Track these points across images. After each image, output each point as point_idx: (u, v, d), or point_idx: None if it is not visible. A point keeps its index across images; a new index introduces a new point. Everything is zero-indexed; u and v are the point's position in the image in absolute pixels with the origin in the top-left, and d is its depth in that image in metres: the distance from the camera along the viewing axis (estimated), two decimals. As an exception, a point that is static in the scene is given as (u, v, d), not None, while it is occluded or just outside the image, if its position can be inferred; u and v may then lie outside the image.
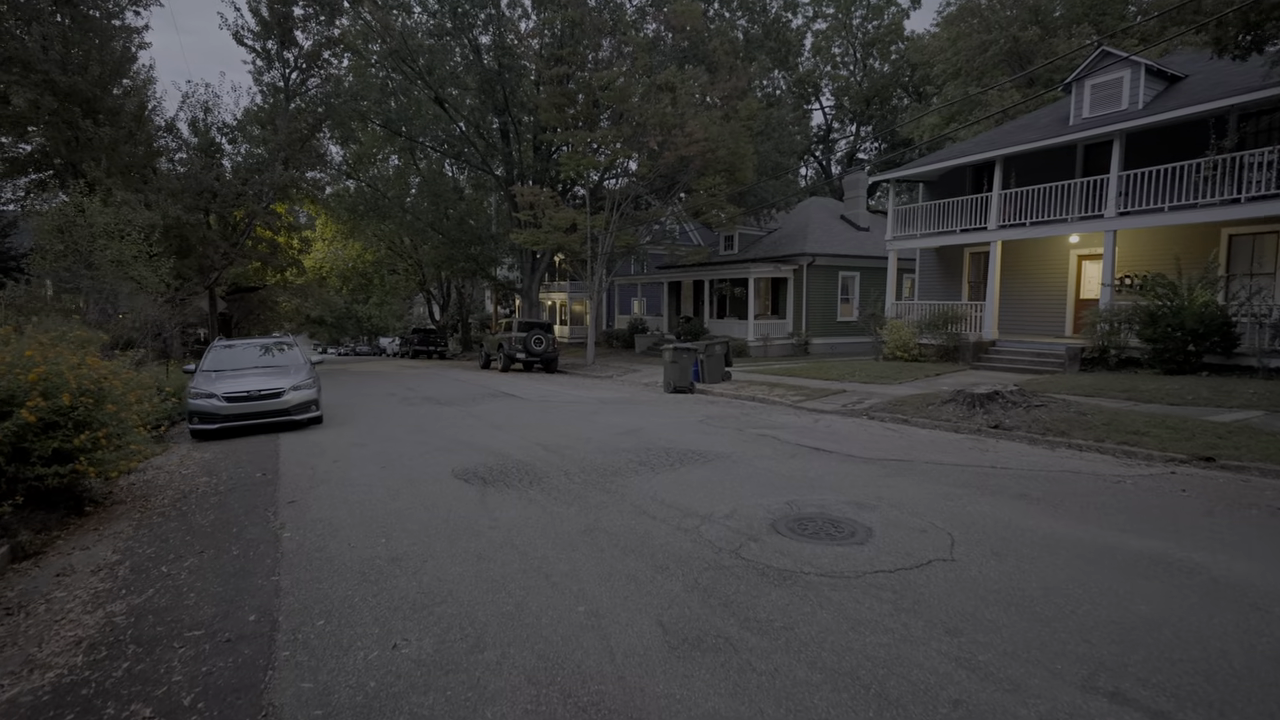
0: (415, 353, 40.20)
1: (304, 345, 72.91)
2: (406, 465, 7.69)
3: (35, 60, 18.41)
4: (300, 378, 10.85)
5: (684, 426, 10.10)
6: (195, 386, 10.19)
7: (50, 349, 5.78)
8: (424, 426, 10.67)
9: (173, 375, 13.21)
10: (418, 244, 39.32)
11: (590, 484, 6.57)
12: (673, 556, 4.47)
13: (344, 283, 45.70)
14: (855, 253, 27.54)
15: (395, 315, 64.57)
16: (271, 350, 12.20)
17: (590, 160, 23.13)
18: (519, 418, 11.48)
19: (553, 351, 23.88)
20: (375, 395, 16.14)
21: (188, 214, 20.42)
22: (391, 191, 33.64)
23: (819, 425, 10.36)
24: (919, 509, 5.43)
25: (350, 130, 29.66)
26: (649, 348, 31.50)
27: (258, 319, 48.66)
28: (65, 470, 5.49)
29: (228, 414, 10.01)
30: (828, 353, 26.56)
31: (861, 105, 43.12)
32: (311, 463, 8.02)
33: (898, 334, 18.89)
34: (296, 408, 10.52)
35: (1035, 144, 16.49)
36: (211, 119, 24.98)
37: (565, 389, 16.89)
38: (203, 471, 7.85)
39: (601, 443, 8.79)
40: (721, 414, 11.67)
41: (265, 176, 22.93)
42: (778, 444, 8.56)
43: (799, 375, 17.77)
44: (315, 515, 5.74)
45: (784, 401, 13.37)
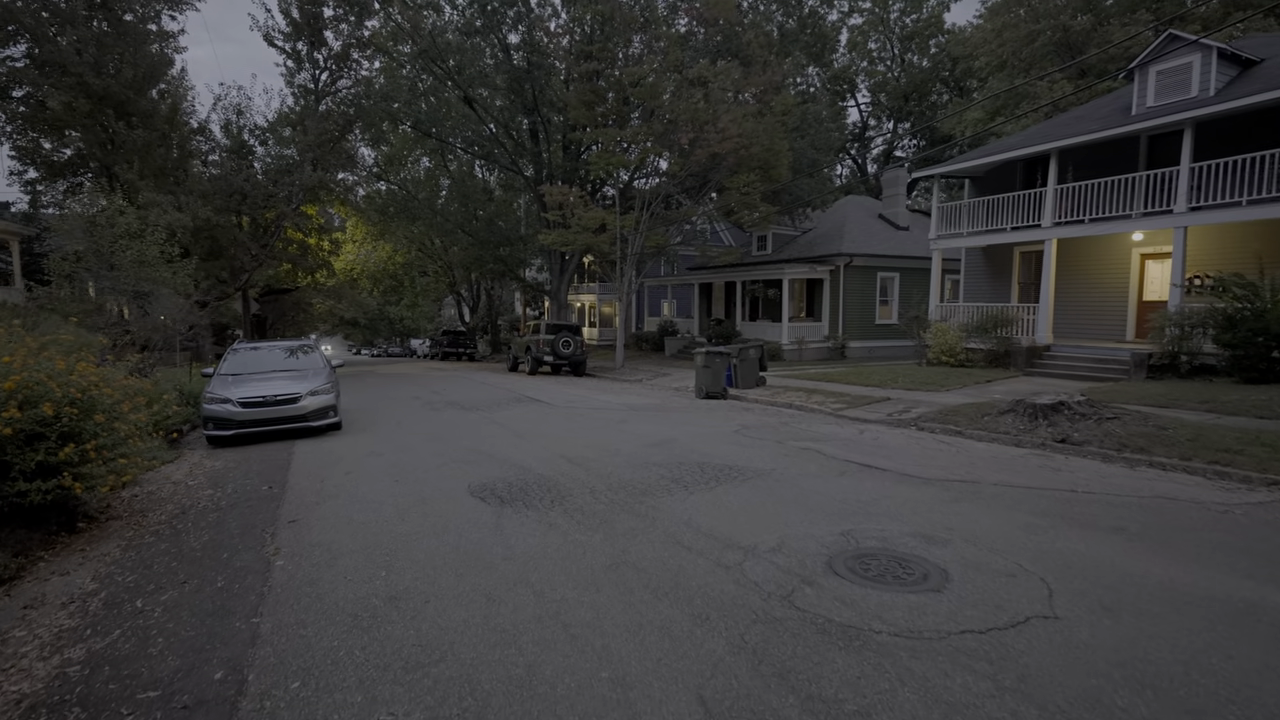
0: (444, 354, 40.09)
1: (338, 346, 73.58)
2: (420, 479, 7.15)
3: (70, 63, 18.54)
4: (318, 383, 10.44)
5: (719, 437, 9.40)
6: (211, 391, 9.84)
7: (34, 355, 5.34)
8: (444, 434, 10.16)
9: (195, 379, 12.97)
10: (447, 245, 39.22)
11: (618, 505, 5.93)
12: (713, 602, 3.80)
13: (374, 284, 45.92)
14: (894, 252, 26.48)
15: (426, 317, 64.95)
16: (293, 354, 11.85)
17: (620, 159, 22.56)
18: (543, 426, 10.91)
19: (581, 354, 23.35)
20: (400, 399, 15.76)
21: (218, 215, 20.40)
22: (422, 193, 33.56)
23: (865, 437, 9.57)
24: (999, 545, 4.67)
25: (381, 132, 29.61)
26: (679, 351, 30.81)
27: (292, 320, 49.21)
28: (49, 486, 5.04)
29: (243, 420, 9.63)
30: (865, 357, 25.56)
31: (899, 101, 41.82)
32: (322, 474, 7.54)
33: (943, 338, 17.90)
34: (314, 413, 10.11)
35: (1095, 135, 15.40)
36: (243, 121, 25.08)
37: (593, 394, 16.31)
38: (209, 483, 7.41)
39: (630, 455, 8.15)
40: (758, 423, 10.94)
41: (295, 177, 22.86)
42: (823, 459, 7.81)
43: (838, 380, 16.91)
44: (315, 538, 5.20)
45: (824, 409, 12.58)
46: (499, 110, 27.54)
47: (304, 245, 27.82)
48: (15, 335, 5.69)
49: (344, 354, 78.32)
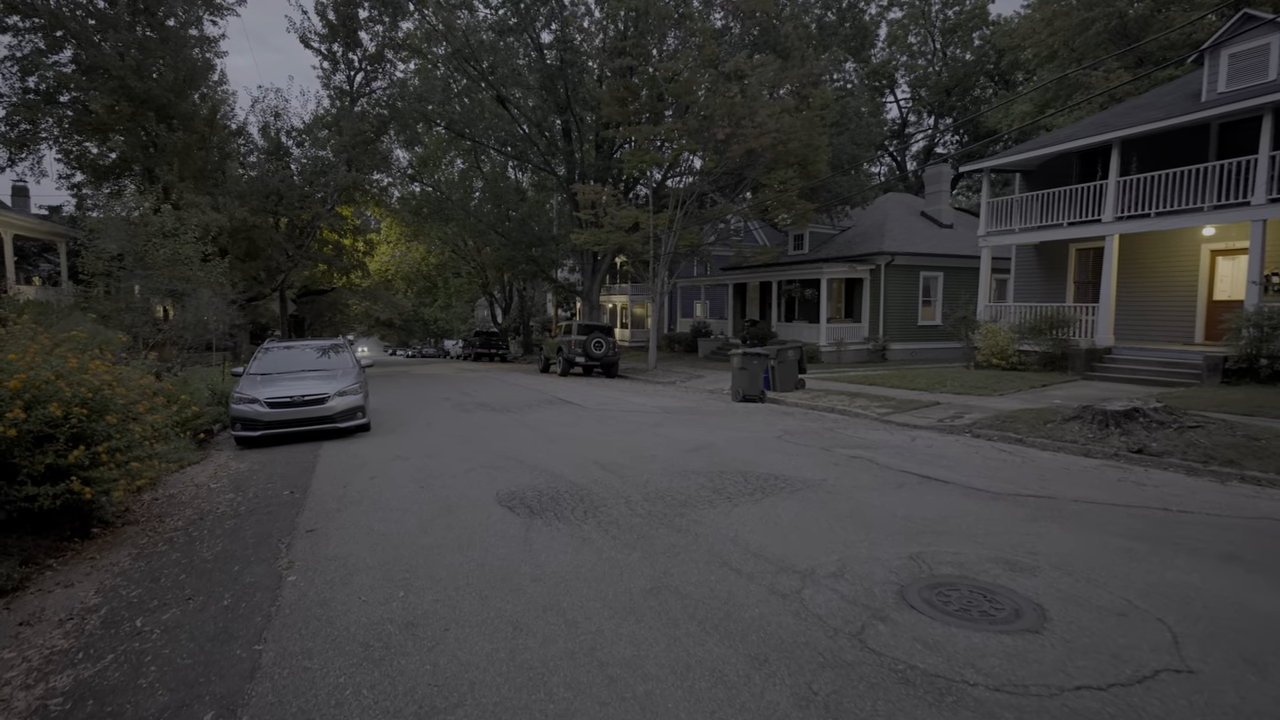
0: (477, 355, 40.14)
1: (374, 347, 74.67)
2: (447, 485, 6.77)
3: (113, 66, 18.82)
4: (346, 383, 10.19)
5: (761, 443, 8.86)
6: (239, 391, 9.66)
7: (45, 353, 5.09)
8: (473, 437, 9.82)
9: (227, 378, 12.90)
10: (480, 246, 39.30)
11: (656, 518, 5.45)
12: (771, 639, 3.30)
13: (408, 285, 46.26)
14: (938, 251, 25.51)
15: (460, 318, 65.43)
16: (324, 353, 11.66)
17: (653, 157, 22.10)
18: (575, 429, 10.50)
19: (613, 355, 22.95)
20: (430, 400, 15.54)
21: (254, 216, 20.54)
22: (455, 194, 33.61)
23: (918, 444, 8.93)
24: (1097, 574, 4.06)
25: (415, 133, 29.69)
26: (713, 352, 30.22)
27: (329, 321, 49.91)
28: (59, 490, 4.78)
29: (270, 420, 9.42)
30: (908, 359, 24.65)
31: (940, 96, 40.56)
32: (346, 479, 7.22)
33: (993, 339, 17.03)
34: (341, 414, 9.86)
35: (1162, 124, 14.41)
36: (280, 124, 25.32)
37: (626, 396, 15.87)
38: (231, 486, 7.16)
39: (667, 462, 7.67)
40: (801, 428, 10.35)
41: (329, 178, 22.95)
42: (876, 469, 7.22)
43: (881, 384, 16.19)
44: (331, 551, 4.84)
45: (869, 414, 11.92)
46: (532, 110, 27.35)
47: (339, 246, 28.00)
48: (26, 332, 5.46)
49: (379, 354, 79.55)
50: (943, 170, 28.71)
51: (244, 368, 10.81)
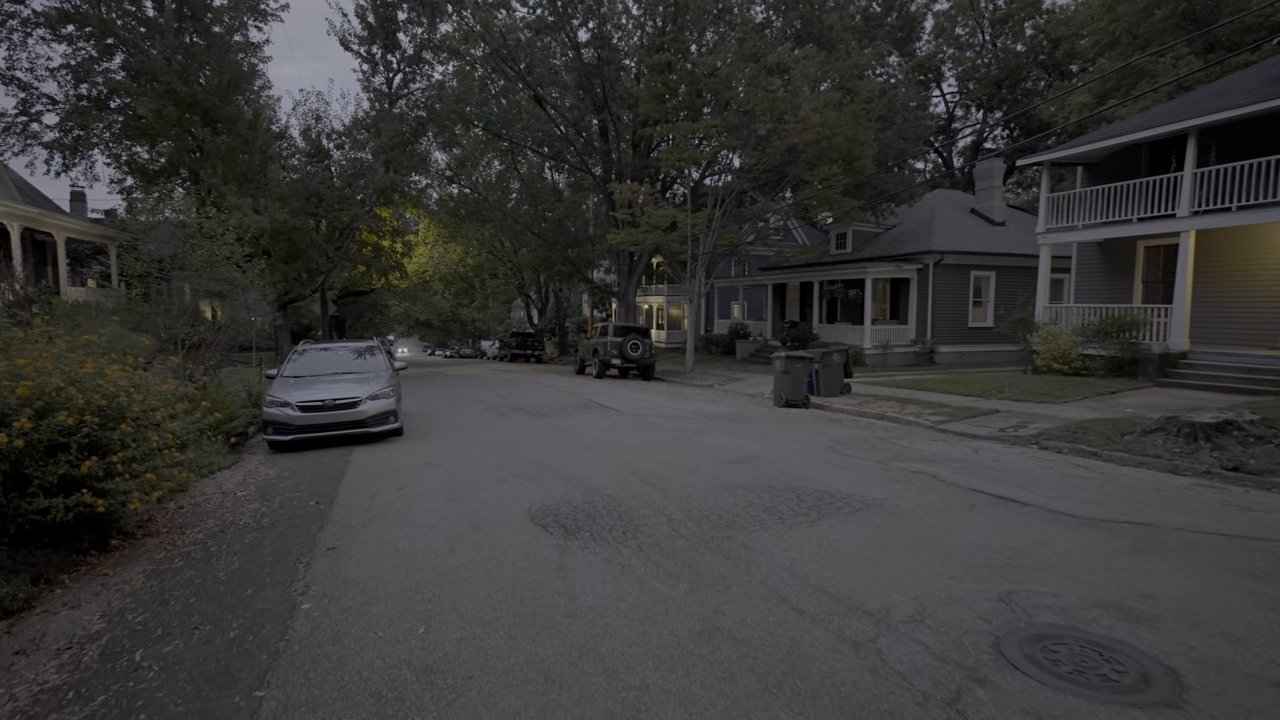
0: (513, 356, 40.16)
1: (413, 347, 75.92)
2: (478, 498, 6.40)
3: (159, 71, 19.13)
4: (379, 386, 9.95)
5: (810, 454, 8.29)
6: (271, 394, 9.49)
7: (52, 359, 4.85)
8: (507, 443, 9.46)
9: (263, 380, 12.84)
10: (516, 247, 39.30)
11: (702, 541, 4.96)
12: (848, 704, 2.78)
13: (446, 286, 46.58)
14: (990, 249, 24.39)
15: (496, 319, 65.89)
16: (358, 355, 11.47)
17: (692, 155, 21.56)
18: (612, 435, 10.07)
19: (650, 358, 22.50)
20: (465, 403, 15.31)
21: (294, 218, 20.68)
22: (492, 195, 33.62)
23: (982, 458, 8.24)
24: (1231, 627, 3.43)
25: (453, 135, 29.73)
26: (751, 354, 29.54)
27: (369, 322, 50.65)
28: (72, 502, 4.52)
29: (302, 424, 9.22)
30: (957, 362, 23.62)
31: (990, 89, 39.02)
32: (374, 488, 6.91)
33: (1055, 342, 16.05)
34: (373, 419, 9.61)
35: (1248, 109, 13.30)
36: (321, 126, 25.56)
37: (663, 400, 15.39)
38: (258, 494, 6.91)
39: (711, 474, 7.16)
40: (851, 437, 9.73)
41: (368, 179, 23.03)
42: (942, 486, 6.60)
43: (933, 389, 15.39)
44: (351, 573, 4.48)
45: (923, 422, 11.22)
46: (569, 109, 27.10)
47: (378, 247, 28.19)
48: (42, 336, 5.24)
49: (419, 354, 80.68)
50: (994, 165, 27.49)
51: (278, 370, 10.67)
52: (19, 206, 17.95)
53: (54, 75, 22.05)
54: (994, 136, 43.82)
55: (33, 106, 22.07)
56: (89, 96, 21.69)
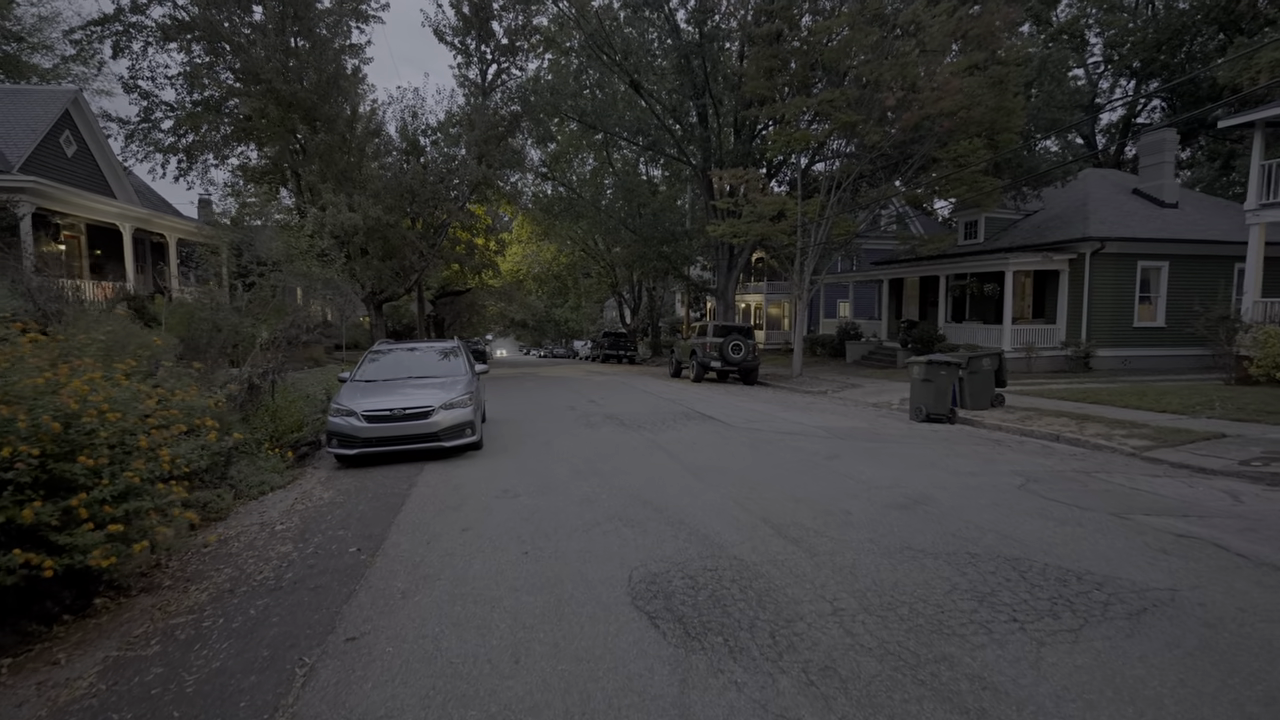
0: (605, 356, 39.10)
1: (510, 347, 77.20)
2: (560, 552, 4.79)
3: (263, 72, 19.12)
4: (455, 393, 8.63)
5: (1001, 497, 6.15)
6: (338, 401, 8.38)
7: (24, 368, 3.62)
8: (599, 465, 7.87)
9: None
10: (610, 245, 38.22)
11: (903, 663, 3.09)
12: None
13: (539, 285, 46.26)
14: (1161, 235, 20.59)
15: (589, 319, 65.57)
16: (437, 358, 10.26)
17: (802, 135, 19.31)
18: (724, 458, 8.27)
19: (753, 360, 20.50)
20: (554, 409, 13.97)
21: (388, 215, 20.22)
22: (586, 191, 32.60)
23: (1255, 508, 5.80)
24: None
25: (547, 129, 28.86)
26: (863, 356, 26.81)
27: (467, 321, 51.30)
28: (15, 564, 3.27)
29: (368, 436, 8.03)
30: (1119, 368, 20.10)
31: (1150, 52, 33.92)
32: (433, 529, 5.47)
33: (1274, 346, 12.75)
34: (447, 431, 8.29)
35: None
36: (417, 124, 25.27)
37: (775, 410, 13.40)
38: (297, 531, 5.63)
39: (872, 525, 5.23)
40: (1039, 469, 7.43)
41: (461, 174, 22.37)
42: (1243, 564, 4.34)
43: (1110, 402, 12.60)
44: (363, 702, 2.94)
45: (1119, 447, 8.70)
46: (666, 96, 25.47)
47: (471, 245, 27.70)
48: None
49: (515, 354, 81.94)
50: (1165, 137, 23.33)
51: (352, 372, 9.62)
52: (131, 208, 18.36)
53: (172, 83, 22.80)
54: (1148, 110, 38.33)
55: (153, 114, 22.89)
56: (202, 102, 22.22)
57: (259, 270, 13.75)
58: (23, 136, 16.68)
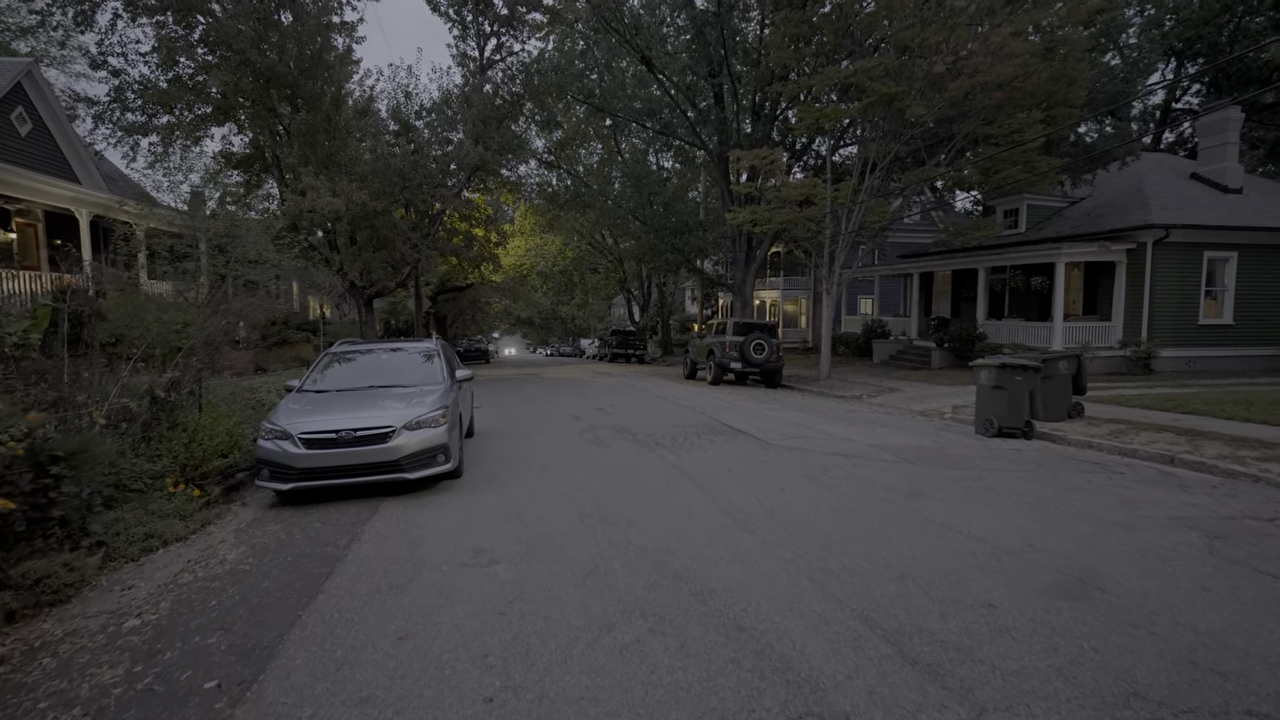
0: (613, 356, 37.20)
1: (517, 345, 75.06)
2: (549, 693, 2.89)
3: (232, 38, 17.29)
4: (424, 408, 6.72)
5: (1199, 571, 4.20)
6: (272, 420, 6.49)
7: None
8: (608, 507, 5.97)
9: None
10: (618, 238, 36.30)
11: None
12: None
13: (544, 281, 44.39)
14: (1229, 223, 18.51)
15: (596, 316, 63.72)
16: (406, 360, 8.35)
17: (833, 111, 17.28)
18: (773, 494, 6.34)
19: (777, 361, 18.56)
20: (556, 418, 12.08)
21: (375, 200, 18.35)
22: (593, 181, 30.68)
23: None
24: None
25: (552, 114, 26.92)
26: (892, 356, 24.83)
27: (470, 319, 49.41)
28: None
29: (307, 466, 6.14)
30: (1184, 370, 18.09)
31: (1194, 30, 31.67)
32: (357, 634, 3.57)
33: None
34: (412, 459, 6.39)
35: None
36: (411, 105, 23.37)
37: (812, 420, 11.45)
38: (141, 644, 3.74)
39: (1047, 641, 3.30)
40: (1203, 514, 5.47)
41: (457, 157, 20.48)
42: None
43: (1207, 412, 10.74)
44: None
45: (1262, 474, 6.73)
46: (680, 72, 23.49)
47: (469, 236, 25.79)
48: None
49: (524, 353, 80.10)
50: (1228, 116, 21.18)
51: (301, 379, 7.72)
52: (87, 193, 16.56)
53: (145, 60, 21.00)
54: (1189, 94, 36.04)
55: (125, 94, 21.09)
56: (174, 80, 20.40)
57: (224, 262, 11.94)
58: (-40, 110, 14.91)
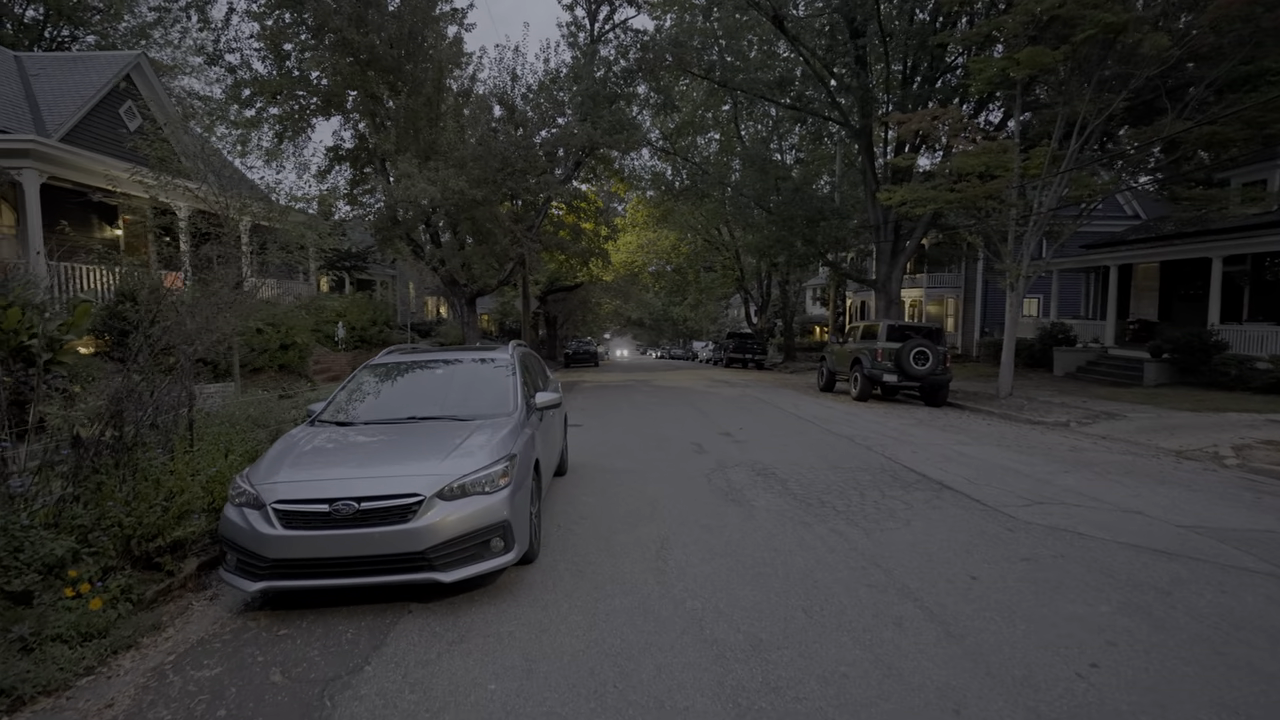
0: (729, 360, 34.13)
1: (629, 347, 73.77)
2: None
3: (329, 18, 16.05)
4: (476, 461, 4.19)
5: None
6: (251, 474, 4.19)
7: None
8: (777, 670, 3.14)
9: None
10: (736, 231, 33.22)
11: None
12: None
13: (656, 280, 42.02)
14: None
15: (709, 317, 60.80)
16: (466, 378, 5.89)
17: (1031, 56, 13.28)
18: (1103, 656, 3.24)
19: (943, 373, 14.92)
20: (673, 445, 9.38)
21: (474, 188, 16.52)
22: (711, 169, 27.84)
23: None
24: None
25: (668, 96, 24.37)
26: (1081, 368, 20.16)
27: (580, 320, 48.00)
28: None
29: (280, 556, 3.77)
30: None
31: None
32: None
33: None
34: (447, 547, 3.86)
35: None
36: (517, 89, 21.61)
37: (1033, 465, 7.95)
38: None
39: None
40: None
41: (564, 138, 18.36)
42: None
43: None
44: None
45: None
46: (816, 34, 20.17)
47: (577, 229, 23.71)
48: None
49: (635, 356, 78.50)
50: None
51: (326, 401, 5.47)
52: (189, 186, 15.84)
53: (259, 56, 20.59)
54: None
55: (240, 90, 20.78)
56: (284, 72, 19.78)
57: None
58: (69, 104, 14.49)
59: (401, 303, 33.55)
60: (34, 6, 27.07)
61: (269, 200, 16.19)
